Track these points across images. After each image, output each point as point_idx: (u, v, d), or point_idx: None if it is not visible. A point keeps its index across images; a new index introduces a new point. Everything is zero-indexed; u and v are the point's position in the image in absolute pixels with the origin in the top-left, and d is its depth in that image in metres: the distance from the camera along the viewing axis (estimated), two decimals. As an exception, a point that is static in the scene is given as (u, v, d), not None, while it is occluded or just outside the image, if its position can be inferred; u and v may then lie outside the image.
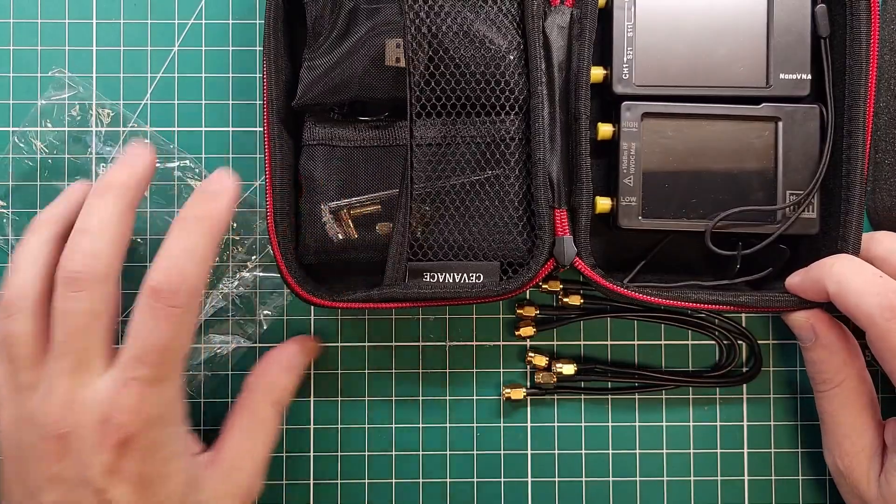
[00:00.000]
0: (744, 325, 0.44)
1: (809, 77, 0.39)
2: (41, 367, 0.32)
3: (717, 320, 0.44)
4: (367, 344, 0.45)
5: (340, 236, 0.40)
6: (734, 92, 0.39)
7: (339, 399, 0.45)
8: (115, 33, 0.45)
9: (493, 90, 0.38)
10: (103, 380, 0.31)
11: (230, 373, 0.44)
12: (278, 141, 0.39)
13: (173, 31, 0.45)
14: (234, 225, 0.43)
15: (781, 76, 0.39)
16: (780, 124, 0.39)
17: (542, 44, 0.38)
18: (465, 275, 0.39)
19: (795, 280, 0.38)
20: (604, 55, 0.40)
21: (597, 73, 0.39)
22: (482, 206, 0.39)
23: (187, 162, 0.43)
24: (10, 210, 0.45)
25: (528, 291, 0.44)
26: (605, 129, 0.39)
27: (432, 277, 0.39)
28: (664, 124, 0.39)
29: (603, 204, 0.39)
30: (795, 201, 0.38)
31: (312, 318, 0.45)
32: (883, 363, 0.34)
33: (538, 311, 0.44)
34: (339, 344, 0.45)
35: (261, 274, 0.44)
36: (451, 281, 0.39)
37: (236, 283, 0.42)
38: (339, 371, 0.45)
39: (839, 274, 0.35)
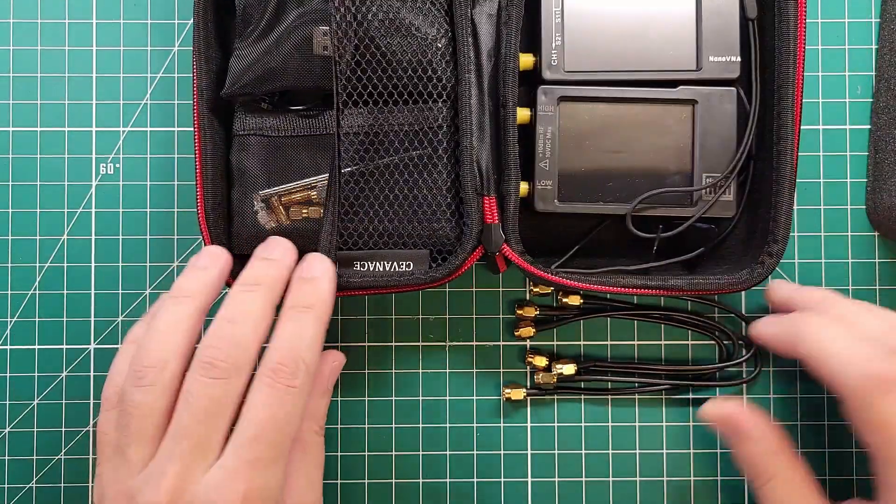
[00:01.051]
0: (746, 328, 0.44)
1: (739, 59, 0.39)
2: (154, 445, 0.30)
3: (716, 318, 0.44)
4: (366, 344, 0.45)
5: (273, 224, 0.40)
6: (665, 76, 0.39)
7: (339, 399, 0.45)
8: (115, 33, 0.45)
9: (421, 78, 0.38)
10: (215, 469, 0.30)
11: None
12: (209, 132, 0.39)
13: (173, 31, 0.45)
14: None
15: (711, 59, 0.39)
16: (697, 107, 0.39)
17: (470, 32, 0.38)
18: (395, 263, 0.39)
19: (768, 331, 0.36)
20: (534, 42, 0.40)
21: (526, 59, 0.39)
22: (410, 194, 0.39)
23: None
24: (10, 210, 0.45)
25: (528, 293, 0.44)
26: (522, 114, 0.39)
27: (362, 266, 0.39)
28: (581, 108, 0.39)
29: (522, 188, 0.39)
30: (712, 183, 0.38)
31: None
32: (861, 435, 0.32)
33: (538, 312, 0.44)
34: (339, 344, 0.45)
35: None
36: (381, 269, 0.39)
37: None
38: (340, 371, 0.45)
39: (817, 335, 0.33)
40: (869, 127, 0.45)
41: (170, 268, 0.45)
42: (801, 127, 0.45)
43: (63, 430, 0.44)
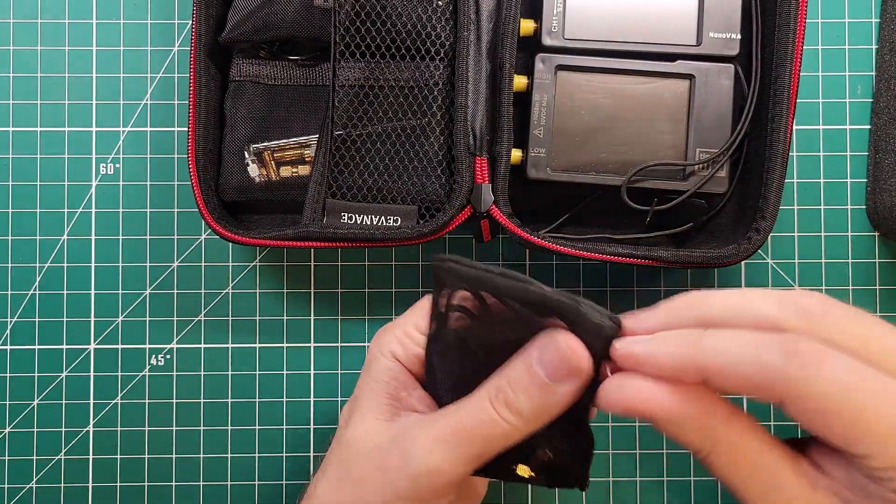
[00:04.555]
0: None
1: (739, 37, 0.39)
2: None
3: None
4: (366, 344, 0.45)
5: (262, 178, 0.41)
6: (664, 49, 0.39)
7: (339, 399, 0.44)
8: (114, 33, 0.45)
9: (420, 34, 0.38)
10: None
11: (230, 373, 0.45)
12: (205, 77, 0.39)
13: (173, 31, 0.45)
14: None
15: (711, 35, 0.39)
16: (695, 82, 0.39)
17: None
18: (382, 217, 0.39)
19: (658, 353, 0.24)
20: (535, 7, 0.40)
21: (527, 25, 0.39)
22: (402, 150, 0.39)
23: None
24: (10, 210, 0.45)
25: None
26: (520, 81, 0.39)
27: (350, 218, 0.39)
28: (579, 78, 0.39)
29: (515, 155, 0.39)
30: (707, 159, 0.39)
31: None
32: (812, 426, 0.23)
33: None
34: (339, 345, 0.45)
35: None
36: (368, 223, 0.39)
37: None
38: (339, 372, 0.45)
39: (713, 346, 0.24)
40: (869, 127, 0.45)
41: (170, 268, 0.45)
42: (802, 127, 0.45)
43: (63, 430, 0.44)
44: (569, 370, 0.26)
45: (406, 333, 0.31)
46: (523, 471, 0.29)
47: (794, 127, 0.44)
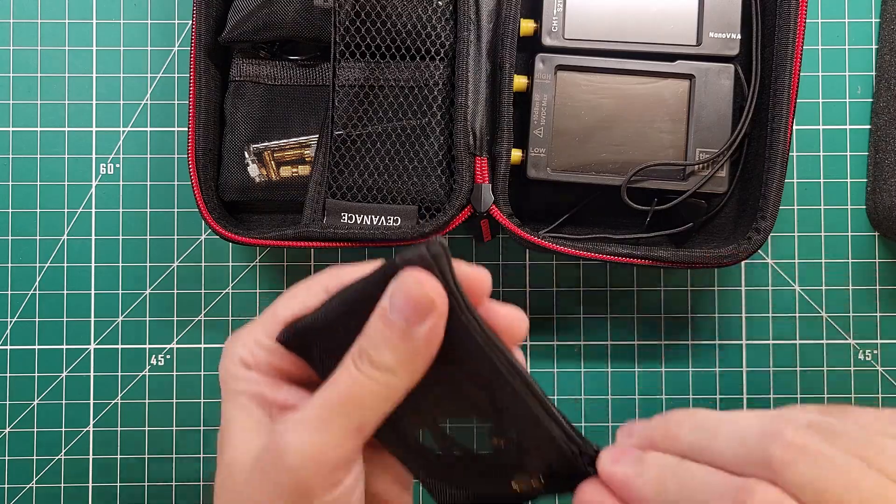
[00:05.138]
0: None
1: (739, 37, 0.39)
2: None
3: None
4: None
5: (262, 178, 0.41)
6: (664, 49, 0.39)
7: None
8: (115, 33, 0.45)
9: (419, 34, 0.38)
10: None
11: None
12: (205, 77, 0.39)
13: (173, 31, 0.45)
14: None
15: (711, 35, 0.39)
16: (695, 82, 0.39)
17: None
18: (382, 217, 0.39)
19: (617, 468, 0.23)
20: (535, 8, 0.40)
21: (527, 25, 0.39)
22: (402, 150, 0.39)
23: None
24: (11, 210, 0.45)
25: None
26: (520, 81, 0.39)
27: (350, 218, 0.39)
28: (579, 78, 0.39)
29: (515, 155, 0.39)
30: (707, 159, 0.39)
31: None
32: None
33: None
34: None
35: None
36: (367, 223, 0.39)
37: None
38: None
39: (694, 434, 0.22)
40: (869, 127, 0.45)
41: (170, 268, 0.45)
42: (802, 127, 0.45)
43: (63, 430, 0.44)
44: (424, 307, 0.23)
45: (256, 342, 0.27)
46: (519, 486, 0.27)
47: (794, 127, 0.44)
